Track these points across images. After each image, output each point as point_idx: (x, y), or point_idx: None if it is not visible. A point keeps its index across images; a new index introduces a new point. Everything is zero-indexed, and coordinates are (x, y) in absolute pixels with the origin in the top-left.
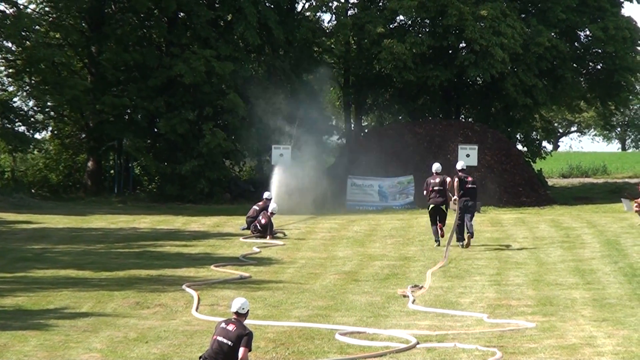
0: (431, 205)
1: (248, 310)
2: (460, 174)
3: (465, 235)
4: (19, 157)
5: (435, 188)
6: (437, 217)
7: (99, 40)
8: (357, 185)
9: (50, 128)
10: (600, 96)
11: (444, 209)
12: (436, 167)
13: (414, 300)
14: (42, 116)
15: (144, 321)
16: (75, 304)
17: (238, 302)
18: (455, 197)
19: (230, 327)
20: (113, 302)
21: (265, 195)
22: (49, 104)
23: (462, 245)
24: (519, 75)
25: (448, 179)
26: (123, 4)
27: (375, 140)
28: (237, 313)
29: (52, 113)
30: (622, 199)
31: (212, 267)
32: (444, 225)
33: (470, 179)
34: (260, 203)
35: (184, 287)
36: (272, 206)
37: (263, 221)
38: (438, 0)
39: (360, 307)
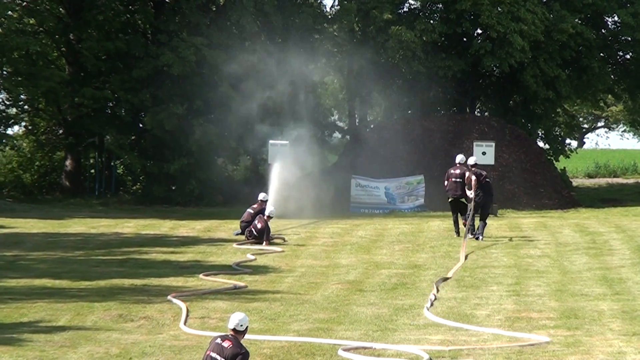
0: (450, 198)
1: (247, 327)
2: (474, 169)
3: (464, 225)
4: None
5: (454, 180)
6: (458, 210)
7: (78, 27)
8: (361, 186)
9: (24, 123)
10: (630, 88)
11: (464, 201)
12: (460, 157)
13: (431, 304)
14: (15, 110)
15: (128, 335)
16: (51, 316)
17: (236, 318)
18: (472, 194)
19: (226, 344)
20: (93, 314)
21: (261, 196)
22: (22, 96)
23: (472, 236)
24: (540, 65)
25: (467, 174)
26: None
27: (381, 136)
28: (234, 330)
29: (26, 107)
30: None
31: (200, 276)
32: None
33: (484, 173)
34: (255, 206)
35: (169, 297)
36: (269, 209)
37: (259, 226)
38: None
39: (365, 320)
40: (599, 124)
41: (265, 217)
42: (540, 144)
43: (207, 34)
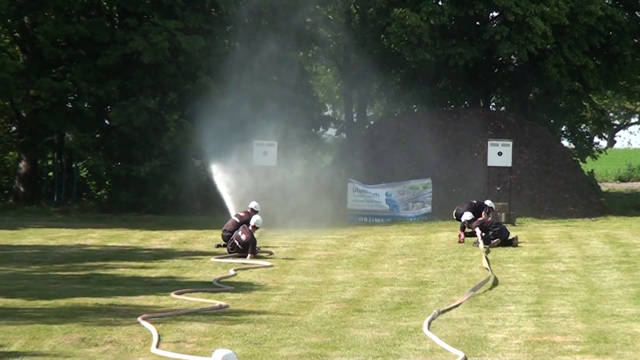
0: None
1: None
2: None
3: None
4: None
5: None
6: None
7: (33, 9)
8: (359, 191)
9: None
10: None
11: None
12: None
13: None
14: None
15: None
16: (2, 340)
17: (219, 356)
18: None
19: None
20: (52, 338)
21: (252, 205)
22: None
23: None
24: (565, 52)
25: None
26: None
27: (383, 134)
28: None
29: None
30: None
31: (172, 294)
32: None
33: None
34: (242, 214)
35: (139, 319)
36: (254, 219)
37: (243, 237)
38: None
39: (364, 344)
40: (632, 120)
41: (250, 228)
42: (565, 142)
43: (182, 17)
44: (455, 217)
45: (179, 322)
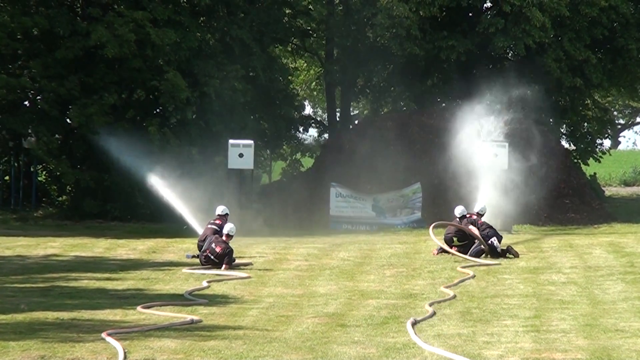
0: None
1: None
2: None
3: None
4: None
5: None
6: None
7: None
8: (343, 196)
9: None
10: None
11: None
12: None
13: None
14: None
15: None
16: None
17: None
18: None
19: None
20: (8, 356)
21: (219, 210)
22: None
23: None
24: (565, 46)
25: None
26: None
27: (368, 134)
28: None
29: None
30: None
31: (138, 308)
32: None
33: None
34: (217, 221)
35: (104, 335)
36: (227, 227)
37: (218, 250)
38: None
39: None
40: (638, 119)
41: (223, 237)
42: (565, 143)
43: (150, 7)
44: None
45: (147, 338)
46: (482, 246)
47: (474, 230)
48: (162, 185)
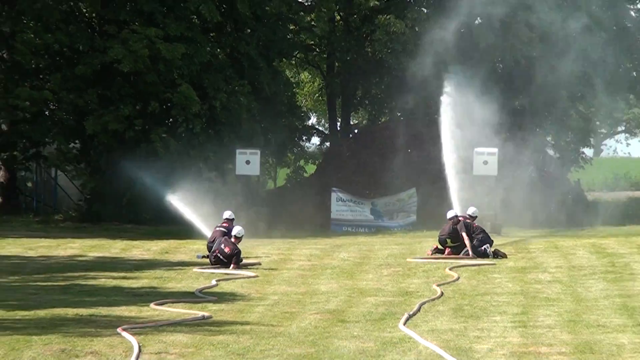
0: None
1: None
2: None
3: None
4: None
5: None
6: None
7: (12, 18)
8: (343, 200)
9: None
10: None
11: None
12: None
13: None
14: None
15: None
16: None
17: None
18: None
19: None
20: (31, 349)
21: (226, 214)
22: None
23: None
24: (551, 60)
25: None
26: None
27: (367, 142)
28: None
29: None
30: None
31: (152, 305)
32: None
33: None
34: (225, 224)
35: (120, 330)
36: (236, 229)
37: (227, 250)
38: None
39: (348, 355)
40: (619, 129)
41: (232, 239)
42: (550, 151)
43: (163, 24)
44: (440, 244)
45: (160, 333)
46: (470, 253)
47: (466, 239)
48: (177, 201)
